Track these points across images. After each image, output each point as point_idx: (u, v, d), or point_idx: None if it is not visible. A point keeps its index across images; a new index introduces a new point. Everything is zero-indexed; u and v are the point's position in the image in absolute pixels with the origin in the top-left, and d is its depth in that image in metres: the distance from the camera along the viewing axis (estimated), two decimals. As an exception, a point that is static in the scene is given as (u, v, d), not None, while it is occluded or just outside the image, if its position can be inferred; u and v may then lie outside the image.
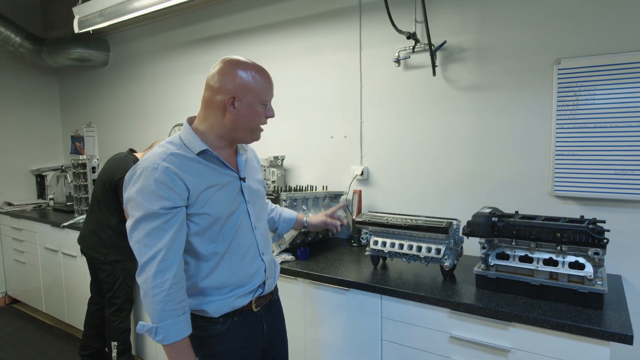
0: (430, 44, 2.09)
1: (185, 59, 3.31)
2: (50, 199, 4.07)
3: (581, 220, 1.51)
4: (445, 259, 1.72)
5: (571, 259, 1.46)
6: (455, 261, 1.77)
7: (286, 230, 1.68)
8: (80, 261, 2.88)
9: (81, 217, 3.18)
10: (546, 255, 1.51)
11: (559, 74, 1.83)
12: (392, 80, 2.33)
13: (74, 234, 2.92)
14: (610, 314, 1.37)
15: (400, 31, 2.13)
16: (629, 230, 1.77)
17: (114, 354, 2.47)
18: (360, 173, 2.46)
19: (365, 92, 2.44)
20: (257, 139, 1.32)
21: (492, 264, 1.59)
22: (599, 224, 1.43)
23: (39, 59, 3.74)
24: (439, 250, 1.73)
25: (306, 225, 1.70)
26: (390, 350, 1.71)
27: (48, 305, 3.53)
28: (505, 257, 1.58)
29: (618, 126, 1.73)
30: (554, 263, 1.48)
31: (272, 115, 1.30)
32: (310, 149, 2.70)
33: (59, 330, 3.45)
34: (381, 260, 1.99)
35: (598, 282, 1.42)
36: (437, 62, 2.15)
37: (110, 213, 2.43)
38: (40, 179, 4.29)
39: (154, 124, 3.61)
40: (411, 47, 2.21)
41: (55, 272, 3.32)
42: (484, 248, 1.60)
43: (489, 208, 1.70)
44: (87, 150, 4.23)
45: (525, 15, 1.93)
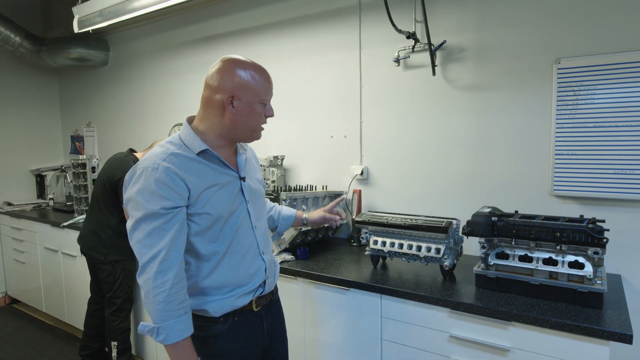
0: (429, 44, 2.09)
1: (185, 59, 3.31)
2: (50, 199, 4.07)
3: (581, 219, 1.51)
4: (445, 259, 1.72)
5: (571, 258, 1.47)
6: (455, 261, 1.77)
7: (286, 228, 1.68)
8: (80, 261, 2.88)
9: (81, 217, 3.18)
10: (546, 255, 1.51)
11: (558, 74, 1.83)
12: (392, 80, 2.33)
13: (73, 234, 2.92)
14: (610, 313, 1.37)
15: (399, 31, 2.13)
16: (628, 229, 1.77)
17: (113, 353, 2.47)
18: (359, 173, 2.46)
19: (364, 92, 2.44)
20: (258, 137, 1.32)
21: (492, 264, 1.59)
22: (598, 224, 1.43)
23: (39, 58, 3.74)
24: (438, 250, 1.73)
25: (306, 221, 1.70)
26: (390, 350, 1.71)
27: (48, 305, 3.53)
28: (504, 257, 1.58)
29: (617, 125, 1.73)
30: (554, 262, 1.49)
31: (272, 115, 1.30)
32: (310, 149, 2.70)
33: (58, 330, 3.45)
34: (381, 260, 1.99)
35: (597, 282, 1.42)
36: (437, 62, 2.16)
37: (110, 213, 2.43)
38: (40, 179, 4.29)
39: (153, 123, 3.61)
40: (411, 47, 2.21)
41: (55, 272, 3.33)
42: (483, 247, 1.60)
43: (489, 207, 1.70)
44: (87, 150, 4.23)
45: (524, 15, 1.93)
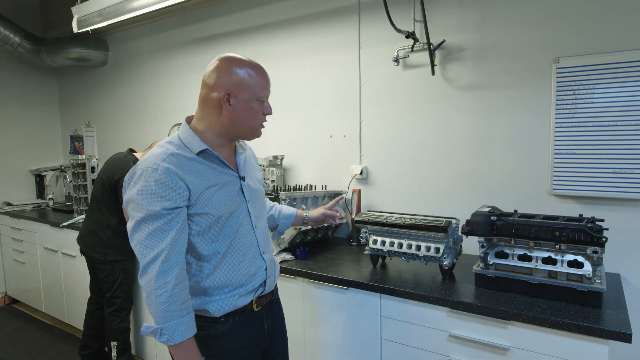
0: (429, 43, 2.09)
1: (185, 59, 3.31)
2: (49, 199, 4.07)
3: (580, 218, 1.51)
4: (445, 258, 1.72)
5: (570, 257, 1.47)
6: (455, 260, 1.77)
7: (286, 227, 1.68)
8: (80, 261, 2.88)
9: (80, 217, 3.18)
10: (545, 254, 1.51)
11: (557, 73, 1.83)
12: (391, 80, 2.33)
13: (73, 234, 2.92)
14: (609, 312, 1.37)
15: (399, 30, 2.13)
16: (627, 228, 1.77)
17: (113, 353, 2.47)
18: (359, 172, 2.46)
19: (364, 92, 2.44)
20: (258, 135, 1.32)
21: (491, 263, 1.60)
22: (597, 223, 1.43)
23: (38, 58, 3.74)
24: (438, 249, 1.73)
25: (306, 219, 1.70)
26: (389, 349, 1.71)
27: (48, 305, 3.53)
28: (504, 256, 1.58)
29: (617, 125, 1.73)
30: (553, 262, 1.49)
31: (270, 113, 1.30)
32: (310, 149, 2.70)
33: (58, 330, 3.45)
34: (380, 260, 1.99)
35: (597, 281, 1.43)
36: (436, 62, 2.16)
37: (110, 213, 2.43)
38: (40, 179, 4.29)
39: (153, 123, 3.61)
40: (410, 47, 2.22)
41: (55, 272, 3.32)
42: (483, 247, 1.60)
43: (488, 207, 1.70)
44: (87, 150, 4.23)
45: (524, 14, 1.93)
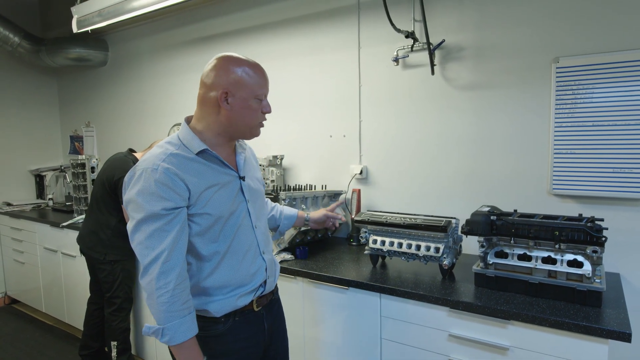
0: (428, 43, 2.09)
1: (184, 59, 3.31)
2: (49, 199, 4.06)
3: (579, 218, 1.51)
4: (444, 258, 1.72)
5: (570, 257, 1.47)
6: (454, 260, 1.77)
7: (288, 228, 1.68)
8: (80, 261, 2.88)
9: (80, 217, 3.18)
10: (545, 254, 1.51)
11: (557, 73, 1.83)
12: (391, 79, 2.33)
13: (73, 234, 2.92)
14: (609, 311, 1.37)
15: (398, 30, 2.13)
16: (627, 228, 1.77)
17: (113, 353, 2.47)
18: (359, 172, 2.46)
19: (363, 91, 2.44)
20: (257, 134, 1.31)
21: (491, 263, 1.60)
22: (597, 222, 1.43)
23: (38, 58, 3.74)
24: (437, 249, 1.73)
25: (308, 220, 1.70)
26: (389, 349, 1.71)
27: (48, 305, 3.53)
28: (504, 256, 1.59)
29: (616, 124, 1.73)
30: (553, 261, 1.49)
31: (269, 111, 1.29)
32: (309, 148, 2.70)
33: (58, 330, 3.45)
34: (380, 259, 1.99)
35: (596, 280, 1.43)
36: (436, 61, 2.16)
37: (110, 213, 2.43)
38: (40, 179, 4.29)
39: (153, 123, 3.61)
40: (410, 46, 2.22)
41: (55, 272, 3.32)
42: (482, 246, 1.60)
43: (488, 207, 1.70)
44: (86, 150, 4.22)
45: (523, 14, 1.93)
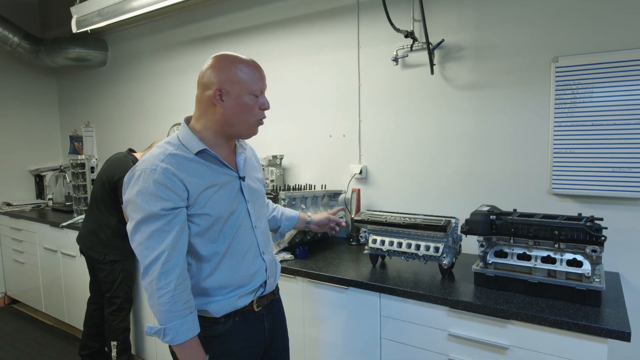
0: (428, 43, 2.09)
1: (184, 58, 3.31)
2: (49, 199, 4.06)
3: (579, 217, 1.51)
4: (444, 257, 1.73)
5: (569, 256, 1.47)
6: (454, 259, 1.77)
7: (288, 229, 1.68)
8: (80, 261, 2.88)
9: (80, 217, 3.18)
10: (544, 253, 1.51)
11: (556, 72, 1.83)
12: (390, 79, 2.33)
13: (73, 234, 2.92)
14: (608, 311, 1.37)
15: (398, 30, 2.13)
16: (626, 227, 1.77)
17: (113, 353, 2.47)
18: (358, 172, 2.46)
19: (363, 91, 2.44)
20: (255, 133, 1.30)
21: (491, 262, 1.60)
22: (596, 222, 1.43)
23: (37, 58, 3.74)
24: (437, 249, 1.73)
25: (309, 222, 1.70)
26: (389, 349, 1.71)
27: (47, 305, 3.53)
28: (503, 255, 1.59)
29: (616, 124, 1.73)
30: (552, 261, 1.49)
31: (267, 107, 1.27)
32: (309, 148, 2.70)
33: (58, 330, 3.45)
34: (380, 259, 1.99)
35: (596, 280, 1.43)
36: (435, 61, 2.16)
37: (110, 213, 2.43)
38: (39, 179, 4.29)
39: (152, 123, 3.61)
40: (409, 46, 2.22)
41: (55, 272, 3.32)
42: (482, 246, 1.60)
43: (487, 206, 1.70)
44: (86, 150, 4.22)
45: (523, 14, 1.93)
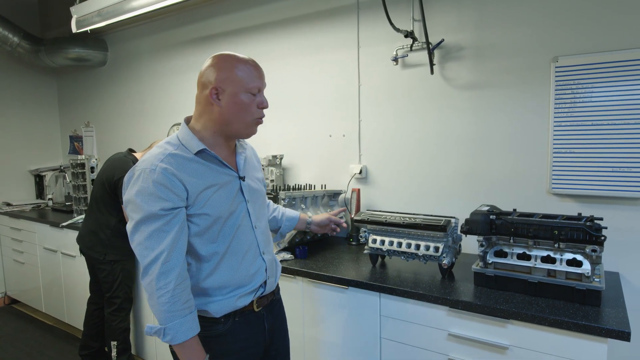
0: (427, 43, 2.09)
1: (184, 58, 3.31)
2: (49, 199, 4.06)
3: (579, 217, 1.51)
4: (444, 257, 1.73)
5: (569, 256, 1.47)
6: (454, 259, 1.77)
7: (289, 230, 1.68)
8: (80, 261, 2.88)
9: (80, 217, 3.18)
10: (544, 253, 1.52)
11: (556, 72, 1.83)
12: (390, 79, 2.33)
13: (73, 234, 2.92)
14: (608, 311, 1.37)
15: (397, 30, 2.13)
16: (626, 227, 1.77)
17: (113, 353, 2.48)
18: (358, 172, 2.46)
19: (363, 91, 2.44)
20: (253, 132, 1.29)
21: (490, 262, 1.60)
22: (596, 221, 1.43)
23: (37, 58, 3.73)
24: (437, 248, 1.73)
25: (309, 223, 1.70)
26: (389, 348, 1.71)
27: (47, 305, 3.53)
28: (503, 255, 1.59)
29: (615, 123, 1.73)
30: (552, 260, 1.49)
31: (265, 106, 1.26)
32: (309, 148, 2.70)
33: (58, 330, 3.45)
34: (380, 259, 1.99)
35: (596, 280, 1.43)
36: (435, 61, 2.16)
37: (109, 213, 2.43)
38: (39, 179, 4.29)
39: (152, 123, 3.61)
40: (409, 46, 2.22)
41: (55, 272, 3.32)
42: (482, 246, 1.60)
43: (487, 206, 1.70)
44: (86, 150, 4.22)
45: (523, 14, 1.93)
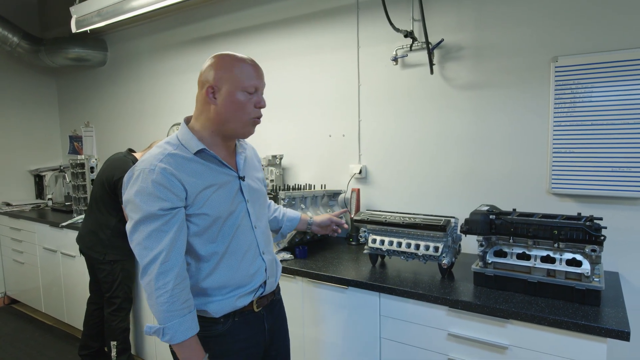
0: (427, 43, 2.09)
1: (183, 58, 3.31)
2: (48, 199, 4.06)
3: (578, 217, 1.51)
4: (443, 257, 1.73)
5: (568, 256, 1.47)
6: (453, 259, 1.77)
7: (290, 230, 1.67)
8: (79, 261, 2.88)
9: (80, 217, 3.18)
10: (544, 253, 1.52)
11: (556, 72, 1.83)
12: (390, 79, 2.33)
13: (72, 234, 2.92)
14: (608, 310, 1.37)
15: (397, 29, 2.13)
16: (626, 227, 1.77)
17: (113, 353, 2.47)
18: (358, 172, 2.46)
19: (363, 91, 2.44)
20: (250, 132, 1.27)
21: (490, 262, 1.60)
22: (596, 221, 1.43)
23: (37, 58, 3.73)
24: (437, 248, 1.73)
25: (311, 224, 1.69)
26: (388, 348, 1.71)
27: (47, 305, 3.53)
28: (502, 255, 1.59)
29: (615, 123, 1.73)
30: (552, 260, 1.49)
31: (262, 105, 1.25)
32: (309, 148, 2.70)
33: (58, 330, 3.45)
34: (379, 259, 1.99)
35: (595, 279, 1.43)
36: (435, 61, 2.16)
37: (109, 213, 2.43)
38: (39, 179, 4.28)
39: (152, 123, 3.61)
40: (408, 46, 2.22)
41: (54, 272, 3.32)
42: (481, 246, 1.60)
43: (487, 206, 1.70)
44: (86, 150, 4.22)
45: (523, 13, 1.93)
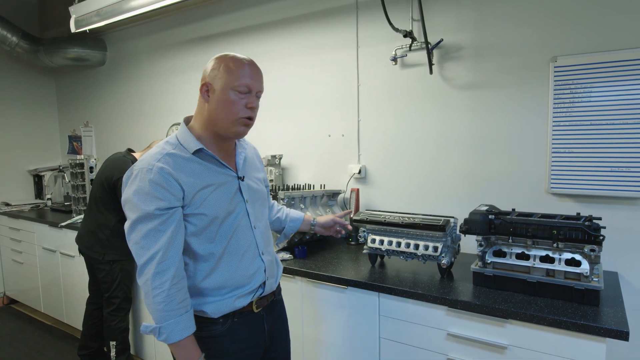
0: (427, 42, 2.09)
1: (183, 58, 3.31)
2: (47, 199, 4.06)
3: (577, 217, 1.51)
4: (443, 257, 1.73)
5: (567, 256, 1.47)
6: (453, 259, 1.77)
7: (293, 231, 1.67)
8: (79, 261, 2.88)
9: (79, 217, 3.18)
10: (543, 253, 1.52)
11: (555, 72, 1.83)
12: (389, 79, 2.33)
13: (72, 234, 2.92)
14: (607, 310, 1.37)
15: (396, 29, 2.13)
16: (625, 227, 1.77)
17: (112, 353, 2.47)
18: (357, 171, 2.46)
19: (362, 91, 2.44)
20: (240, 132, 1.24)
21: (489, 262, 1.60)
22: (595, 221, 1.43)
23: (36, 58, 3.73)
24: (436, 248, 1.73)
25: (314, 224, 1.69)
26: (388, 348, 1.71)
27: (46, 305, 3.52)
28: (502, 255, 1.59)
29: (614, 123, 1.73)
30: (551, 260, 1.49)
31: (253, 106, 1.22)
32: (308, 148, 2.70)
33: (57, 330, 3.44)
34: (379, 259, 1.99)
35: (594, 279, 1.43)
36: (434, 61, 2.16)
37: (109, 213, 2.43)
38: (38, 179, 4.28)
39: (151, 123, 3.61)
40: (408, 46, 2.22)
41: (54, 272, 3.32)
42: (481, 245, 1.60)
43: (486, 206, 1.70)
44: (85, 150, 4.22)
45: (522, 13, 1.93)
